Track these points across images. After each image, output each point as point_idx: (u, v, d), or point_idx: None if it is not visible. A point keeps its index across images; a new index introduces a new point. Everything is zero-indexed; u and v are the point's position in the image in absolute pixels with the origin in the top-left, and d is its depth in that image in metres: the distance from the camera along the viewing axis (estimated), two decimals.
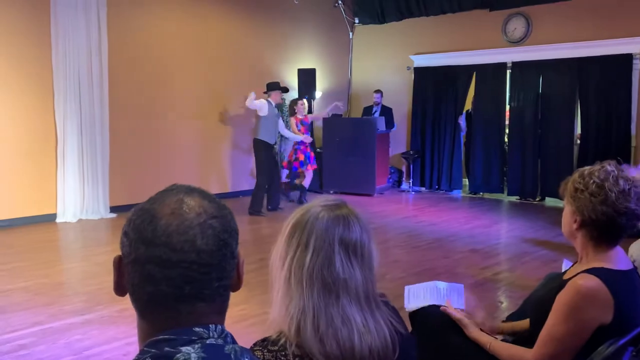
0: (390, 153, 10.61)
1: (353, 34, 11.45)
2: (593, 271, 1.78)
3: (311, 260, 1.29)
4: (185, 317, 0.91)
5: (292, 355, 1.25)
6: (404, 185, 10.76)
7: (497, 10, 9.59)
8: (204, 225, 0.92)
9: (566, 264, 2.52)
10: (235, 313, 3.87)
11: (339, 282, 1.29)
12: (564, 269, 2.37)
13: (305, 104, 9.17)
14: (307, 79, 10.05)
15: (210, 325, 0.92)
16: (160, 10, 8.29)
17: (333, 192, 9.55)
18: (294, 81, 10.21)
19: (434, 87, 10.38)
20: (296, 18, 10.31)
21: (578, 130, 9.12)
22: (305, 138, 8.64)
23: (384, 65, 11.08)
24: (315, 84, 10.15)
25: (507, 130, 9.86)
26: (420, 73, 10.56)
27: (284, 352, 1.26)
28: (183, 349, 0.87)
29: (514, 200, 9.60)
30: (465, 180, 10.46)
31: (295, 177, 9.16)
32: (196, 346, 0.88)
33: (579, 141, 9.09)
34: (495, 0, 9.54)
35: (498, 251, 6.20)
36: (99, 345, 3.47)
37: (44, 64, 7.09)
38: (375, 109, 10.39)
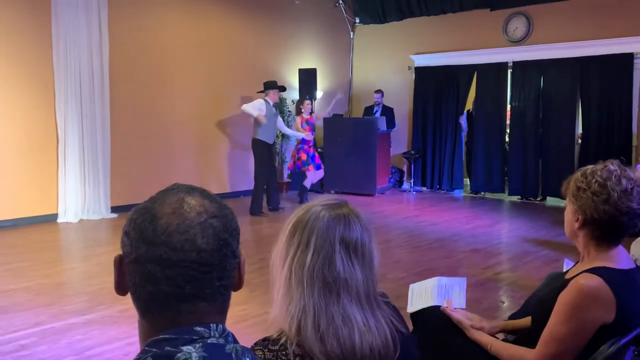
0: (392, 153, 10.61)
1: (354, 33, 11.45)
2: (595, 270, 1.77)
3: (312, 259, 1.29)
4: (186, 317, 0.91)
5: (293, 355, 1.25)
6: (405, 185, 10.76)
7: (498, 10, 9.59)
8: (204, 225, 0.92)
9: (567, 264, 2.51)
10: (236, 313, 3.87)
11: (340, 282, 1.29)
12: (565, 268, 2.36)
13: (310, 104, 9.16)
14: (308, 79, 10.04)
15: (211, 324, 0.92)
16: (161, 11, 8.30)
17: (334, 192, 9.54)
18: (294, 81, 10.21)
19: (435, 87, 10.37)
20: (297, 18, 10.31)
21: (579, 129, 9.11)
22: (306, 135, 8.63)
23: (384, 65, 11.08)
24: (316, 84, 10.15)
25: (508, 130, 9.86)
26: (421, 73, 10.55)
27: (284, 352, 1.26)
28: (184, 349, 0.87)
29: (515, 200, 9.60)
30: (467, 180, 10.46)
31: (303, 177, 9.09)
32: (197, 345, 0.88)
33: (580, 140, 9.08)
34: None
35: (499, 251, 6.19)
36: (100, 345, 3.47)
37: (45, 64, 7.09)
38: (376, 109, 10.39)
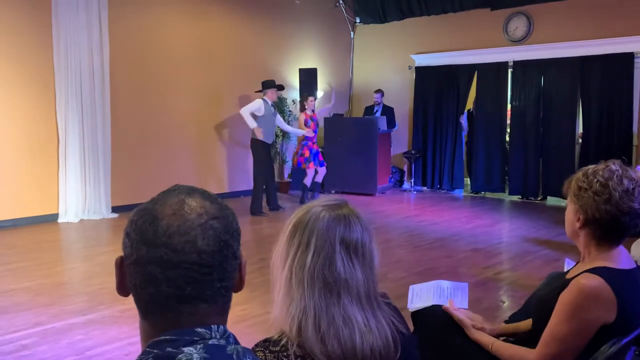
0: (392, 152, 10.61)
1: (354, 33, 11.45)
2: (596, 270, 1.77)
3: (312, 260, 1.29)
4: (187, 318, 0.91)
5: (294, 356, 1.25)
6: (406, 185, 10.75)
7: (499, 10, 9.58)
8: (205, 226, 0.92)
9: (568, 264, 2.51)
10: (237, 313, 3.87)
11: (340, 282, 1.29)
12: (566, 268, 2.36)
13: (314, 100, 9.12)
14: (309, 79, 10.04)
15: (212, 325, 0.92)
16: (161, 11, 8.30)
17: (335, 192, 9.54)
18: (295, 81, 10.21)
19: (436, 87, 10.37)
20: (297, 18, 10.31)
21: (580, 129, 9.11)
22: (307, 132, 8.61)
23: (385, 64, 11.08)
24: (317, 83, 10.15)
25: (509, 130, 9.86)
26: (422, 72, 10.55)
27: (285, 353, 1.26)
28: (185, 350, 0.87)
29: (515, 199, 9.59)
30: (467, 180, 10.46)
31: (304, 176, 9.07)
32: (198, 347, 0.88)
33: (580, 140, 9.08)
34: None
35: (500, 250, 6.19)
36: (100, 345, 3.47)
37: (46, 64, 7.10)
38: (377, 109, 10.39)
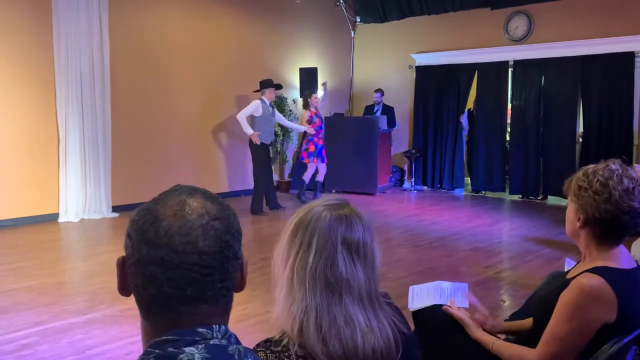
0: (392, 152, 10.61)
1: (354, 32, 11.44)
2: (596, 270, 1.77)
3: (314, 260, 1.29)
4: (188, 318, 0.91)
5: (295, 356, 1.25)
6: (406, 184, 10.75)
7: (499, 9, 9.57)
8: (206, 227, 0.92)
9: (568, 263, 2.51)
10: (238, 312, 3.87)
11: (342, 282, 1.29)
12: (566, 268, 2.36)
13: (319, 97, 9.09)
14: (309, 78, 10.04)
15: (213, 325, 0.92)
16: (162, 11, 8.29)
17: (335, 191, 9.54)
18: (295, 80, 10.21)
19: (436, 86, 10.36)
20: (297, 17, 10.30)
21: (580, 128, 9.11)
22: (308, 128, 8.60)
23: (385, 64, 11.07)
24: (317, 82, 10.15)
25: (509, 129, 9.86)
26: (422, 72, 10.54)
27: (287, 353, 1.26)
28: (187, 350, 0.87)
29: (516, 198, 9.59)
30: (467, 179, 10.45)
31: (302, 172, 9.06)
32: (200, 347, 0.88)
33: (581, 139, 9.08)
34: None
35: (500, 250, 6.19)
36: (101, 345, 3.47)
37: (46, 64, 7.09)
38: (377, 108, 10.39)
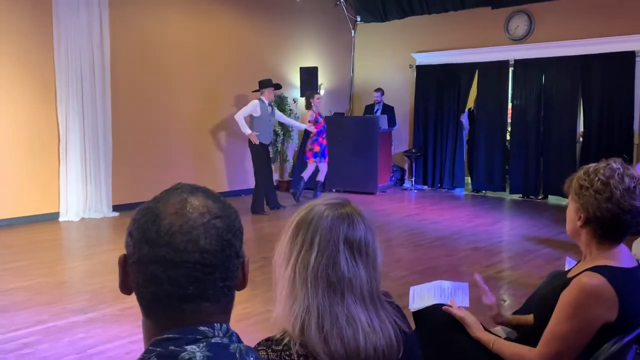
0: (393, 151, 10.60)
1: (355, 32, 11.43)
2: (597, 269, 1.77)
3: (316, 259, 1.29)
4: (189, 317, 0.91)
5: (297, 355, 1.25)
6: (407, 184, 10.75)
7: (500, 8, 9.56)
8: (207, 225, 0.92)
9: (569, 263, 2.51)
10: (239, 311, 3.87)
11: (344, 281, 1.28)
12: (567, 267, 2.36)
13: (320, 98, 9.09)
14: (309, 77, 10.04)
15: (215, 324, 0.92)
16: (162, 10, 8.29)
17: (335, 191, 9.54)
18: (296, 79, 10.21)
19: (436, 85, 10.36)
20: (298, 16, 10.30)
21: (581, 128, 9.10)
22: (309, 127, 8.60)
23: (386, 63, 11.07)
24: (318, 82, 10.14)
25: (510, 128, 9.85)
26: (423, 71, 10.54)
27: (288, 352, 1.25)
28: (188, 348, 0.87)
29: (516, 198, 9.59)
30: (468, 179, 10.45)
31: (301, 171, 9.05)
32: (201, 345, 0.88)
33: (581, 139, 9.07)
34: None
35: (501, 249, 6.19)
36: (102, 344, 3.47)
37: (46, 64, 7.09)
38: (377, 107, 10.38)
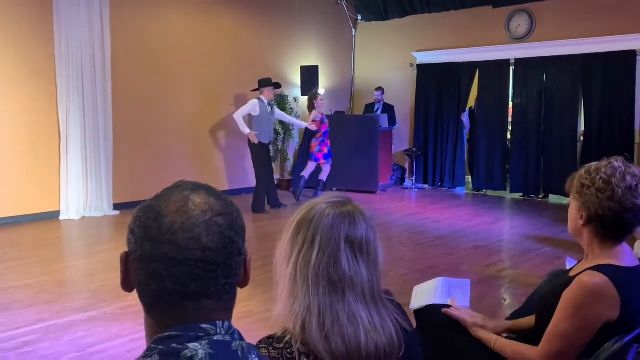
0: (393, 150, 10.60)
1: (356, 31, 11.43)
2: (599, 268, 1.77)
3: (317, 257, 1.29)
4: (191, 314, 0.91)
5: (298, 353, 1.25)
6: (407, 183, 10.75)
7: (500, 7, 9.56)
8: (209, 223, 0.92)
9: (569, 262, 2.51)
10: (240, 309, 3.87)
11: (345, 280, 1.29)
12: (567, 267, 2.36)
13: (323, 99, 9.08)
14: (310, 76, 10.03)
15: (217, 321, 0.92)
16: (163, 8, 8.29)
17: (336, 190, 9.54)
18: (296, 78, 10.21)
19: (437, 84, 10.36)
20: (298, 15, 10.29)
21: (581, 127, 9.10)
22: (309, 125, 8.60)
23: (386, 62, 11.06)
24: (318, 81, 10.14)
25: (510, 127, 9.85)
26: (423, 70, 10.54)
27: (289, 350, 1.26)
28: (190, 346, 0.87)
29: (517, 197, 9.58)
30: (469, 178, 10.45)
31: (300, 170, 9.05)
32: (203, 342, 0.88)
33: (582, 138, 9.07)
34: None
35: (501, 248, 6.19)
36: (102, 342, 3.47)
37: (47, 61, 7.09)
38: (377, 107, 10.38)
